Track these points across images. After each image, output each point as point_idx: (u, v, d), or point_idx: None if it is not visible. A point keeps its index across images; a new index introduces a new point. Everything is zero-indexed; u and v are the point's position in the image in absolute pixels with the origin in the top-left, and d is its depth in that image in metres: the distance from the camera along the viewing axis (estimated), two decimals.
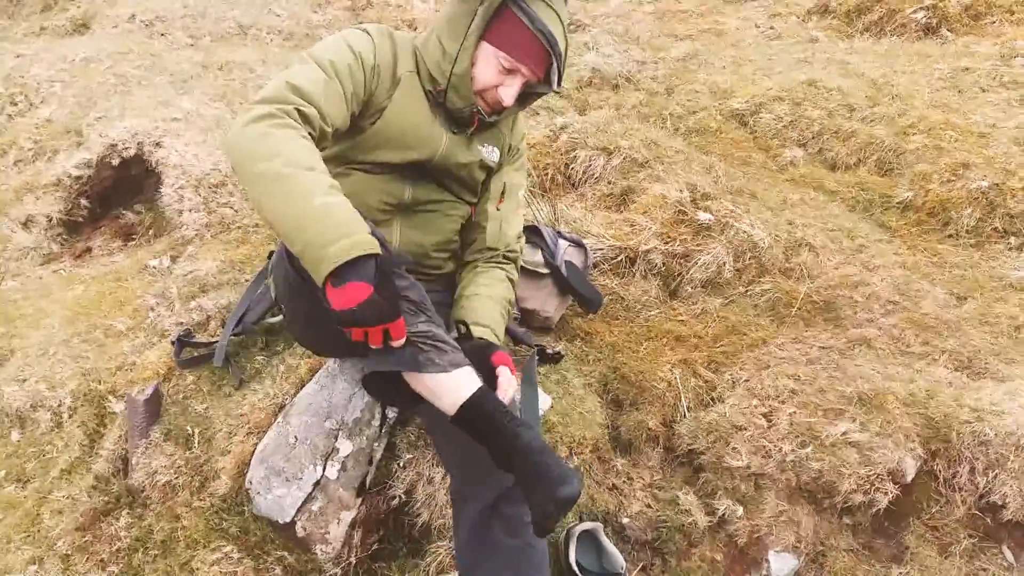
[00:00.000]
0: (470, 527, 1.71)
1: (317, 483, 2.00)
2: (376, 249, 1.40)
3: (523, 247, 2.13)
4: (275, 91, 1.56)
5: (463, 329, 1.80)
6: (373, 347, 1.46)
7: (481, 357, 1.67)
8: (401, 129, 1.79)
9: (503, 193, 2.02)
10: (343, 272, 1.37)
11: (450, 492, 1.86)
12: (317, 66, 1.65)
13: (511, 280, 2.02)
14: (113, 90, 3.90)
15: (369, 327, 1.40)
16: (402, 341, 1.47)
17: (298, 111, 1.54)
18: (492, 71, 1.76)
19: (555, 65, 1.75)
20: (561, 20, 1.73)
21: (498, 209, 2.01)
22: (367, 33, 1.78)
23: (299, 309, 1.69)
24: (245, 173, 1.45)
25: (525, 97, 1.87)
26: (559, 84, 1.80)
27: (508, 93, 1.78)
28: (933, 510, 2.14)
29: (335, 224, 1.39)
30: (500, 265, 2.01)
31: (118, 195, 3.46)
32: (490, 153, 1.96)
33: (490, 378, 1.66)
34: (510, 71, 1.76)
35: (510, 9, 1.71)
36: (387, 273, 1.42)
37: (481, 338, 1.78)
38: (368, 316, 1.38)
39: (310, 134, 1.55)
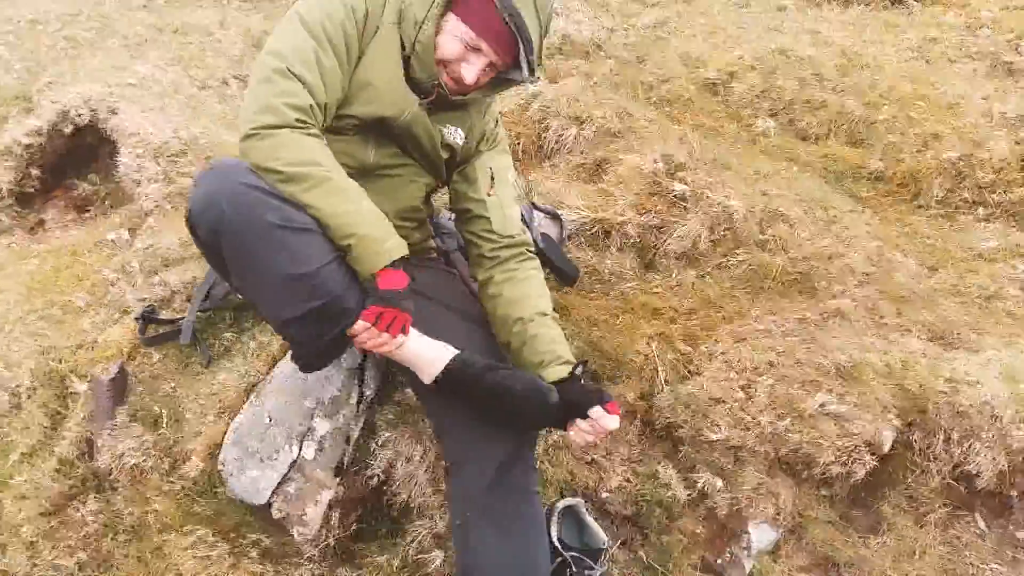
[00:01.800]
0: (470, 496, 1.70)
1: (293, 463, 1.96)
2: (407, 251, 1.62)
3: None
4: (279, 83, 1.57)
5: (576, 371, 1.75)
6: (381, 337, 1.61)
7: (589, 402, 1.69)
8: (371, 80, 1.71)
9: (492, 179, 1.94)
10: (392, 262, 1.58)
11: (445, 458, 1.85)
12: (308, 34, 1.60)
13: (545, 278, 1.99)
14: (63, 54, 3.72)
15: (398, 312, 1.59)
16: (406, 339, 1.65)
17: (311, 109, 1.59)
18: (456, 44, 1.68)
19: (522, 51, 1.66)
20: (536, 8, 1.63)
21: (490, 195, 1.92)
22: None
23: (237, 284, 1.74)
24: (284, 171, 1.54)
25: (495, 83, 1.79)
26: (532, 74, 1.70)
27: (470, 71, 1.70)
28: (909, 480, 2.18)
29: (384, 225, 1.61)
30: (528, 262, 1.94)
31: (72, 165, 3.30)
32: (453, 134, 1.87)
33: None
34: (473, 48, 1.68)
35: None
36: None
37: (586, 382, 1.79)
38: (401, 303, 1.59)
39: (319, 129, 1.63)
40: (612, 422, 1.67)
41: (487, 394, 1.68)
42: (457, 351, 1.70)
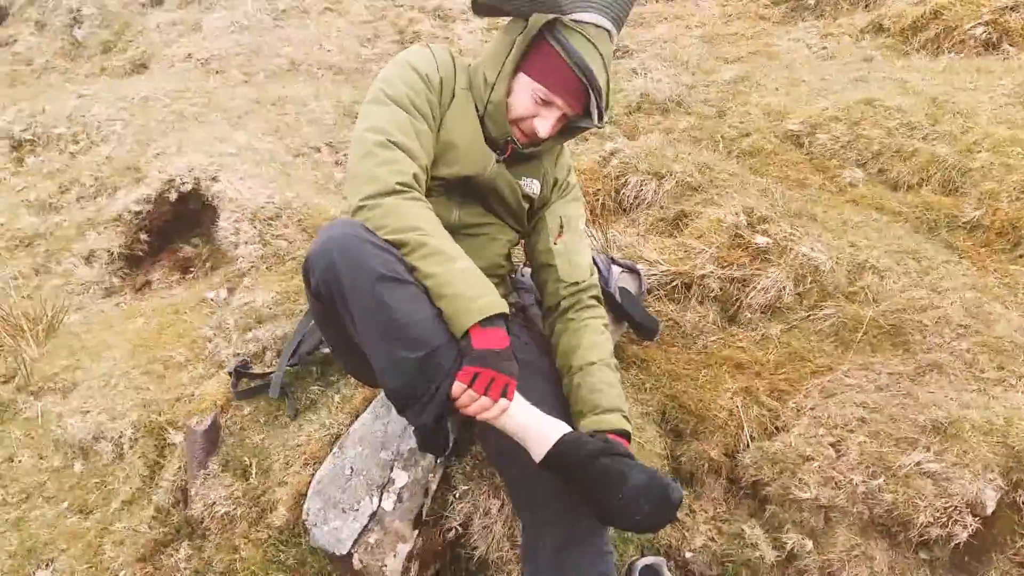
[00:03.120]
0: (539, 556, 1.67)
1: (373, 515, 1.98)
2: (507, 310, 1.58)
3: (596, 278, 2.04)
4: (380, 154, 1.64)
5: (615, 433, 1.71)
6: (481, 401, 1.53)
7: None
8: (452, 143, 1.79)
9: (561, 227, 1.98)
10: (489, 320, 1.54)
11: (523, 535, 1.80)
12: (398, 107, 1.69)
13: (605, 325, 1.95)
14: (171, 127, 4.01)
15: (496, 373, 1.52)
16: (510, 403, 1.56)
17: (414, 177, 1.65)
18: (528, 102, 1.75)
19: (593, 100, 1.72)
20: (601, 54, 1.69)
21: (557, 244, 1.96)
22: (428, 48, 1.81)
23: (333, 338, 1.77)
24: (395, 240, 1.58)
25: (566, 131, 1.85)
26: (601, 120, 1.76)
27: (544, 125, 1.76)
28: (1018, 545, 2.03)
29: (480, 283, 1.59)
30: (593, 316, 1.93)
31: (176, 229, 3.53)
32: (529, 185, 1.93)
33: None
34: (546, 103, 1.74)
35: (547, 41, 1.69)
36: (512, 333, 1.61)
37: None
38: (500, 363, 1.53)
39: (422, 192, 1.68)
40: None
41: (596, 480, 1.52)
42: (568, 429, 1.60)
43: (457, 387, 1.52)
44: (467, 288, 1.56)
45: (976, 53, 4.27)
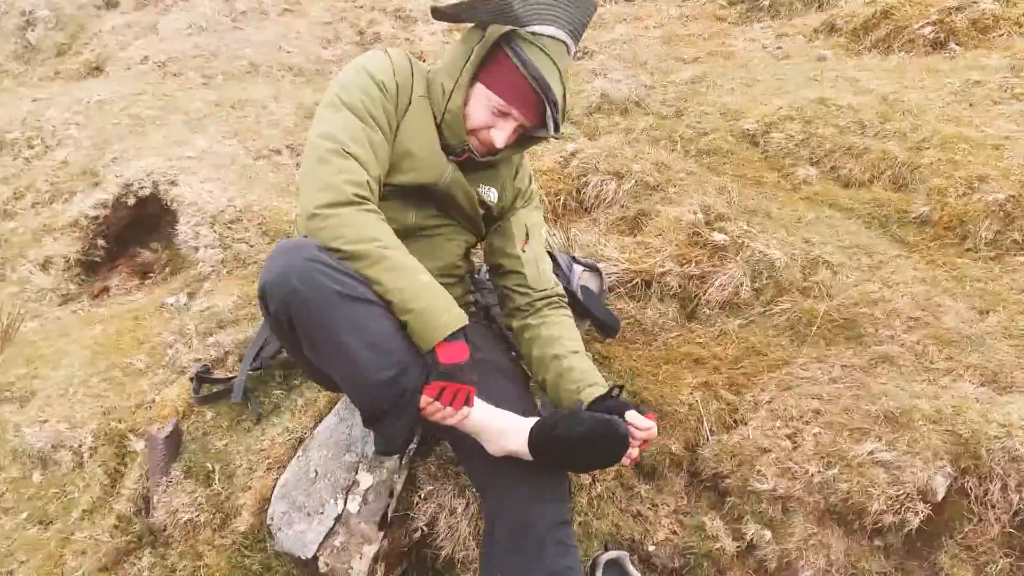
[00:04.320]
0: (504, 552, 1.71)
1: (338, 517, 1.99)
2: (467, 321, 1.64)
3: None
4: (334, 162, 1.64)
5: (616, 392, 1.83)
6: (443, 408, 1.62)
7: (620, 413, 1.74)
8: (409, 151, 1.80)
9: (527, 235, 2.03)
10: (452, 334, 1.60)
11: (484, 513, 1.86)
12: (353, 114, 1.69)
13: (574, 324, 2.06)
14: (128, 131, 3.96)
15: (459, 385, 1.61)
16: (470, 410, 1.65)
17: (368, 186, 1.66)
18: (484, 112, 1.77)
19: (549, 112, 1.75)
20: (558, 67, 1.71)
21: (524, 251, 2.02)
22: (385, 54, 1.80)
23: (294, 353, 1.78)
24: (345, 250, 1.60)
25: (523, 140, 1.88)
26: (557, 130, 1.79)
27: (500, 136, 1.79)
28: (966, 529, 2.10)
29: (443, 297, 1.63)
30: (565, 313, 2.02)
31: (134, 234, 3.49)
32: (487, 192, 1.96)
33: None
34: (503, 114, 1.77)
35: (503, 51, 1.71)
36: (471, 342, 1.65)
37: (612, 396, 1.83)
38: (464, 375, 1.61)
39: (376, 202, 1.69)
40: (646, 423, 1.72)
41: (571, 448, 1.68)
42: (534, 419, 1.71)
43: (424, 400, 1.60)
44: (431, 303, 1.61)
45: (925, 52, 4.39)
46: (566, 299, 2.06)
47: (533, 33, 1.69)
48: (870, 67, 4.25)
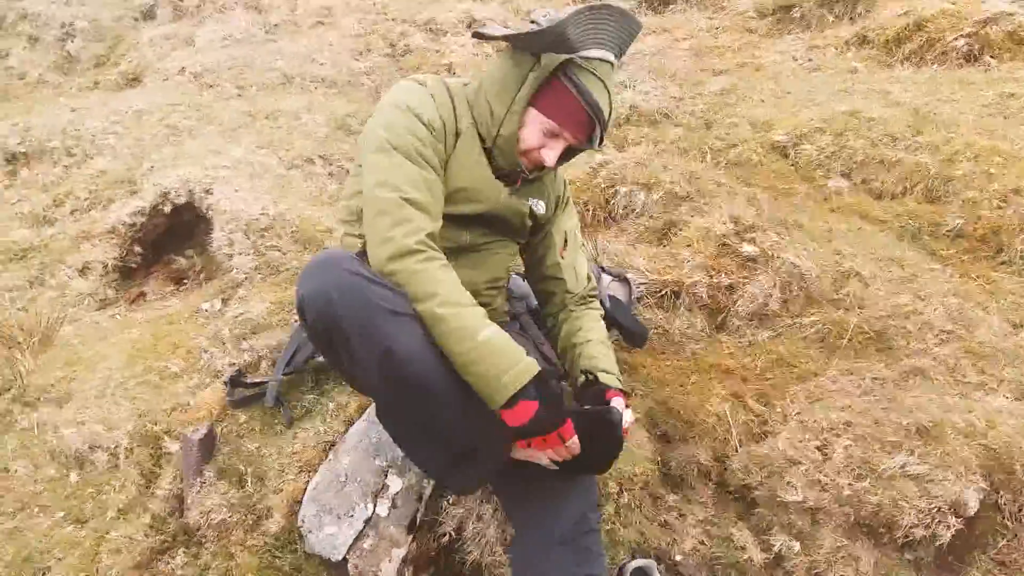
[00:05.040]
0: (532, 561, 1.73)
1: (368, 520, 2.01)
2: (537, 369, 1.61)
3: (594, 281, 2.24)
4: (394, 212, 1.67)
5: (591, 377, 1.92)
6: (553, 451, 1.67)
7: (599, 397, 1.85)
8: (464, 182, 1.83)
9: (566, 241, 2.11)
10: (513, 396, 1.58)
11: (512, 520, 1.94)
12: (406, 159, 1.71)
13: (601, 315, 2.17)
14: (165, 140, 4.04)
15: (544, 435, 1.63)
16: (575, 439, 1.66)
17: (429, 236, 1.68)
18: (537, 135, 1.80)
19: (598, 130, 1.78)
20: (608, 90, 1.75)
21: (563, 258, 2.10)
22: (423, 86, 1.81)
23: (327, 355, 1.81)
24: (416, 311, 1.62)
25: (566, 154, 1.90)
26: (600, 144, 1.84)
27: (551, 155, 1.82)
28: (999, 544, 2.07)
29: (501, 355, 1.60)
30: (590, 307, 2.14)
31: (170, 241, 3.56)
32: (537, 206, 2.01)
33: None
34: (554, 135, 1.80)
35: (559, 80, 1.73)
36: (547, 382, 1.63)
37: (604, 383, 1.91)
38: (540, 428, 1.61)
39: (438, 248, 1.71)
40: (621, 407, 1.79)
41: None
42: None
43: (520, 452, 1.69)
44: (491, 366, 1.59)
45: (958, 65, 4.35)
46: (596, 294, 2.18)
47: (584, 58, 1.71)
48: (902, 79, 4.22)
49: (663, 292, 2.77)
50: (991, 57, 4.32)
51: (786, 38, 5.16)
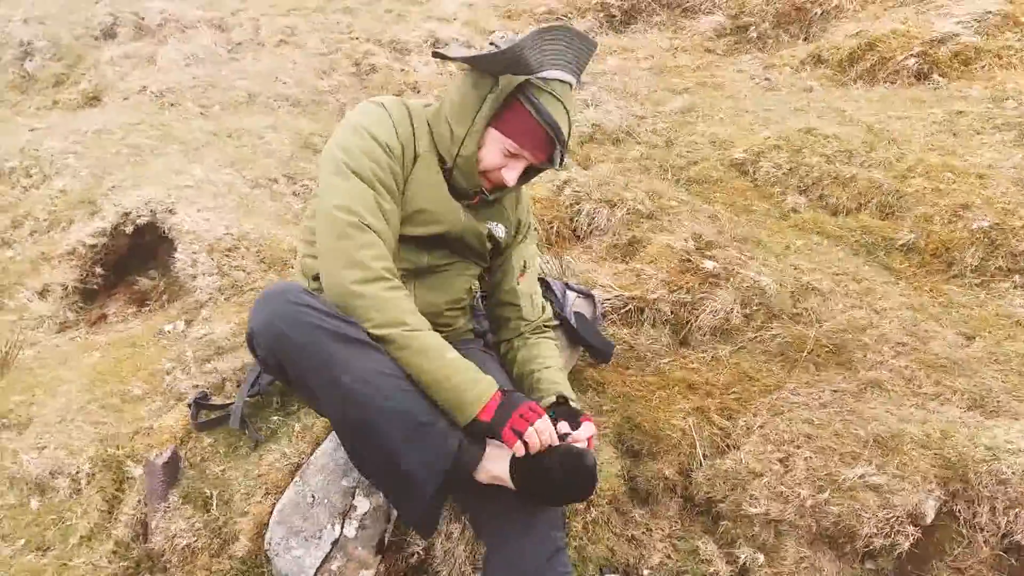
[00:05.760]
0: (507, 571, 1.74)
1: (335, 542, 2.00)
2: (496, 387, 1.70)
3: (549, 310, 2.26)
4: (356, 236, 1.71)
5: (562, 399, 1.94)
6: (533, 435, 1.65)
7: (574, 419, 1.84)
8: (423, 203, 1.86)
9: (524, 268, 2.14)
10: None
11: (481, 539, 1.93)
12: (363, 183, 1.74)
13: (556, 345, 2.20)
14: (126, 160, 4.00)
15: (516, 416, 1.65)
16: (545, 418, 1.69)
17: (389, 263, 1.74)
18: (497, 155, 1.82)
19: (558, 150, 1.81)
20: (567, 110, 1.78)
21: (520, 284, 2.13)
22: (383, 107, 1.83)
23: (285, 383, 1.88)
24: (374, 333, 1.68)
25: (527, 173, 1.93)
26: (561, 165, 1.87)
27: (511, 175, 1.85)
28: (956, 552, 2.13)
29: (468, 370, 1.70)
30: (545, 335, 2.16)
31: (132, 262, 3.52)
32: (496, 228, 2.04)
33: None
34: (514, 155, 1.82)
35: (518, 101, 1.76)
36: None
37: (575, 407, 1.94)
38: (509, 408, 1.66)
39: (396, 274, 1.76)
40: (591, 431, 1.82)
41: (546, 477, 1.71)
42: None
43: (519, 447, 1.66)
44: (460, 382, 1.68)
45: (909, 83, 4.49)
46: (552, 323, 2.20)
47: (543, 79, 1.74)
48: (856, 98, 4.35)
49: (627, 308, 2.81)
50: (940, 76, 4.46)
51: (744, 58, 5.28)
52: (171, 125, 4.44)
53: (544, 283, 2.52)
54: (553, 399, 1.94)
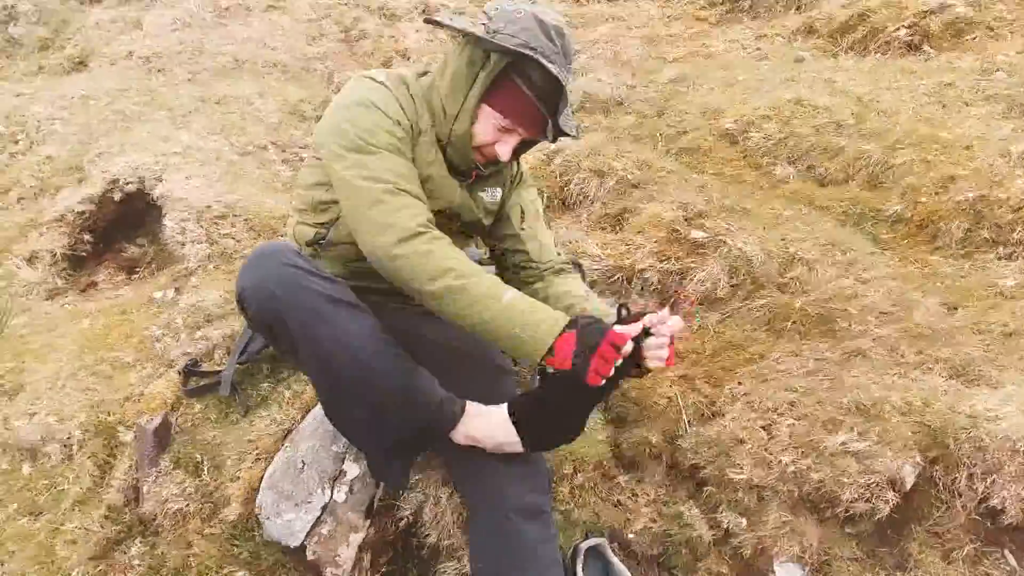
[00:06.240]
0: (486, 542, 1.77)
1: (325, 506, 2.03)
2: (567, 318, 1.63)
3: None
4: (391, 200, 1.68)
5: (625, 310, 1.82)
6: (610, 370, 1.58)
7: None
8: (430, 175, 1.86)
9: (523, 213, 2.10)
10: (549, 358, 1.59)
11: (466, 503, 1.95)
12: (390, 154, 1.73)
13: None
14: (113, 127, 3.96)
15: (595, 356, 1.55)
16: (630, 347, 1.61)
17: (428, 219, 1.71)
18: (490, 131, 1.82)
19: (550, 125, 1.80)
20: (562, 84, 1.74)
21: (523, 229, 2.09)
22: (385, 87, 1.80)
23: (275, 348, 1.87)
24: (425, 291, 1.65)
25: (520, 147, 1.93)
26: (555, 139, 1.86)
27: (505, 150, 1.84)
28: (935, 516, 2.17)
29: (531, 312, 1.63)
30: (570, 275, 2.10)
31: (121, 229, 3.51)
32: (491, 196, 2.03)
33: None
34: (508, 130, 1.82)
35: (510, 77, 1.75)
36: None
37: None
38: (585, 355, 1.56)
39: (433, 226, 1.72)
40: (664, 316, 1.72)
41: (548, 402, 1.75)
42: (504, 405, 1.80)
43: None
44: (525, 324, 1.62)
45: (900, 54, 4.48)
46: (573, 268, 2.16)
47: (536, 57, 1.71)
48: (847, 68, 4.34)
49: (616, 278, 2.82)
50: (930, 47, 4.45)
51: (736, 27, 5.25)
52: (158, 91, 4.40)
53: None
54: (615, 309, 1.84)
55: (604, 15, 5.51)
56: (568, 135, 1.83)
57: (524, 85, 1.74)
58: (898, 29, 4.51)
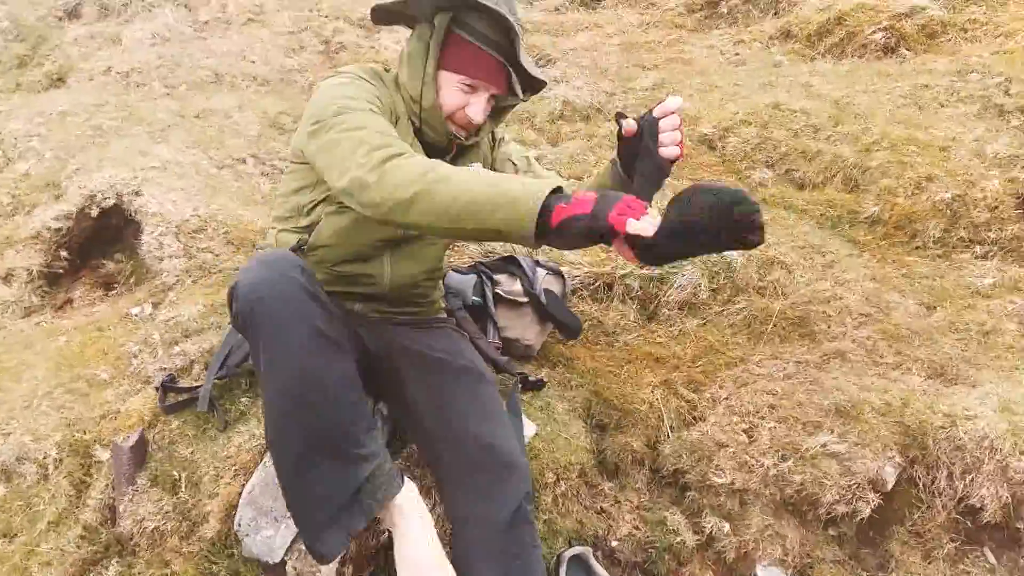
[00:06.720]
0: (469, 553, 1.76)
1: None
2: (559, 181, 1.61)
3: None
4: (372, 140, 1.58)
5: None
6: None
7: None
8: None
9: (516, 167, 2.11)
10: (549, 213, 1.32)
11: (449, 514, 1.93)
12: (372, 112, 1.69)
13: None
14: (91, 142, 3.93)
15: (612, 216, 1.27)
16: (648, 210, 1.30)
17: (393, 149, 1.56)
18: (456, 94, 1.82)
19: (514, 77, 1.81)
20: (509, 24, 1.73)
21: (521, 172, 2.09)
22: (361, 78, 1.81)
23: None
24: (407, 199, 1.45)
25: (496, 112, 1.93)
26: (524, 92, 1.86)
27: (476, 110, 1.84)
28: (915, 516, 2.18)
29: (517, 184, 1.39)
30: None
31: (98, 245, 3.47)
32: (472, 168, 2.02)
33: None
34: (472, 88, 1.82)
35: (456, 33, 1.78)
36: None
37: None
38: (606, 208, 1.28)
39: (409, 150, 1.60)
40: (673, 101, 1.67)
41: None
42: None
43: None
44: (521, 183, 1.39)
45: (876, 57, 4.51)
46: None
47: (476, 5, 1.72)
48: (823, 72, 4.37)
49: (597, 284, 2.82)
50: (906, 49, 4.49)
51: (713, 33, 5.28)
52: (136, 106, 4.37)
53: (513, 260, 2.54)
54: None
55: (582, 23, 5.52)
56: (538, 79, 1.84)
57: (470, 36, 1.76)
58: (874, 32, 4.55)
